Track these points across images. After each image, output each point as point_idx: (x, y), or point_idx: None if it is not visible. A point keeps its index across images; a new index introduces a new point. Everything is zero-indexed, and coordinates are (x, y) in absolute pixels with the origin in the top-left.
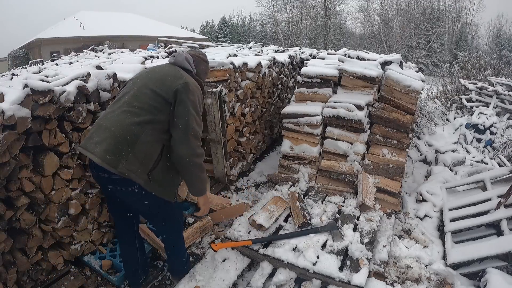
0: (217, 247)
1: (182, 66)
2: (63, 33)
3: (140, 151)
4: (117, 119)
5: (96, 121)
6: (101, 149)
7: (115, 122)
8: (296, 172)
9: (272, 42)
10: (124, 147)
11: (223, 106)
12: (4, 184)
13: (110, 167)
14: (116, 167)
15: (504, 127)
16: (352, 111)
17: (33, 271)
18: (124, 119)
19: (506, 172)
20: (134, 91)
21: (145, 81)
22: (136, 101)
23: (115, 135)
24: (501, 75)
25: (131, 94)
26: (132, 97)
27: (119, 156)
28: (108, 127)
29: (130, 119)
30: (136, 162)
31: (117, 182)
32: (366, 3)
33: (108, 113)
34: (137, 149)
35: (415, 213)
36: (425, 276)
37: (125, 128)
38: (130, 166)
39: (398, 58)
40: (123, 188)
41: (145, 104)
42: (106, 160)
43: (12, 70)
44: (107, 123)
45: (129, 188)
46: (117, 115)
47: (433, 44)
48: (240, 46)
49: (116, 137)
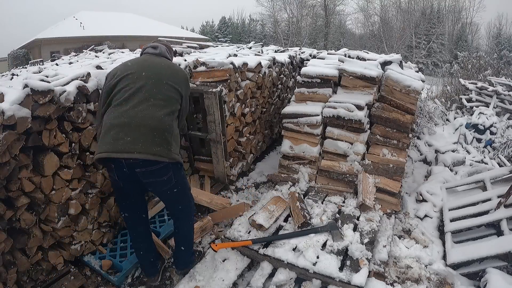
0: (217, 247)
1: (165, 57)
2: (63, 33)
3: (176, 136)
4: (147, 113)
5: (113, 122)
6: (145, 144)
7: (148, 117)
8: (296, 172)
9: (272, 42)
10: (167, 136)
11: (223, 106)
12: (4, 184)
13: (162, 158)
14: (167, 156)
15: (504, 127)
16: (352, 111)
17: (33, 271)
18: (155, 112)
19: (506, 172)
20: (152, 85)
21: (157, 75)
22: (159, 94)
23: (154, 127)
24: (501, 75)
25: (150, 88)
26: (154, 91)
27: (167, 145)
28: (140, 123)
29: (160, 112)
30: (176, 145)
31: (155, 173)
32: (366, 3)
33: (127, 110)
34: (174, 135)
35: (415, 213)
36: (425, 276)
37: (161, 120)
38: (175, 150)
39: (398, 58)
40: (158, 179)
41: (167, 97)
42: (156, 153)
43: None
44: (136, 120)
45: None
46: (145, 110)
47: (433, 44)
48: (240, 46)
49: (156, 129)
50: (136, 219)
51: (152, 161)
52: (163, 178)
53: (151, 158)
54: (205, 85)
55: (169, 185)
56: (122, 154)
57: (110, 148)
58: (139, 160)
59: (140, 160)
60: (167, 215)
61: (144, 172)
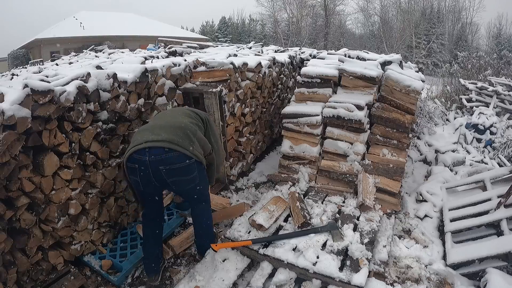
0: (217, 247)
1: None
2: (63, 33)
3: (201, 139)
4: (174, 121)
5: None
6: (169, 135)
7: (175, 121)
8: (296, 172)
9: (272, 42)
10: (188, 138)
11: (223, 106)
12: (4, 184)
13: (182, 149)
14: (187, 148)
15: (504, 127)
16: (352, 111)
17: (33, 271)
18: (181, 118)
19: (506, 172)
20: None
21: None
22: (181, 114)
23: (178, 127)
24: (501, 75)
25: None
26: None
27: (189, 141)
28: (168, 123)
29: (184, 119)
30: (199, 147)
31: (178, 171)
32: (366, 3)
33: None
34: (198, 137)
35: (415, 213)
36: (425, 276)
37: (185, 123)
38: (198, 149)
39: (398, 58)
40: (183, 177)
41: (189, 115)
42: (178, 143)
43: (12, 70)
44: (163, 122)
45: (190, 174)
46: (172, 117)
47: (433, 44)
48: (240, 46)
49: (180, 129)
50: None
51: (173, 154)
52: (187, 177)
53: (173, 147)
54: (205, 85)
55: (193, 183)
56: (147, 144)
57: (134, 143)
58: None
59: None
60: (167, 215)
61: (168, 170)
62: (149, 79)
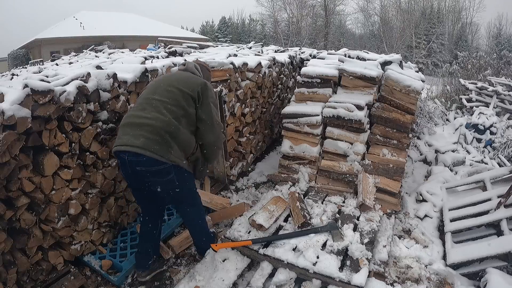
0: (217, 247)
1: (192, 72)
2: (63, 33)
3: (181, 141)
4: (152, 115)
5: (124, 122)
6: (145, 141)
7: (153, 118)
8: (296, 172)
9: (272, 42)
10: (168, 138)
11: (223, 106)
12: (4, 184)
13: (159, 156)
14: (165, 155)
15: (504, 127)
16: (352, 111)
17: (33, 271)
18: (163, 114)
19: (506, 172)
20: (162, 90)
21: (169, 82)
22: (169, 99)
23: (157, 127)
24: (501, 75)
25: (160, 93)
26: (162, 96)
27: (167, 147)
28: (143, 122)
29: (168, 115)
30: (179, 151)
31: (155, 174)
32: (366, 3)
33: (137, 112)
34: (179, 139)
35: (415, 213)
36: (425, 276)
37: (165, 122)
38: (177, 154)
39: (398, 58)
40: (159, 179)
41: (176, 101)
42: (154, 150)
43: (12, 70)
44: (141, 120)
45: (166, 177)
46: (150, 111)
47: (433, 44)
48: (240, 46)
49: (159, 129)
50: (148, 209)
51: (150, 159)
52: (164, 179)
53: (148, 155)
54: None
55: (171, 185)
56: (126, 147)
57: (117, 143)
58: (139, 156)
59: (139, 156)
60: (167, 215)
61: (145, 172)
62: (149, 79)
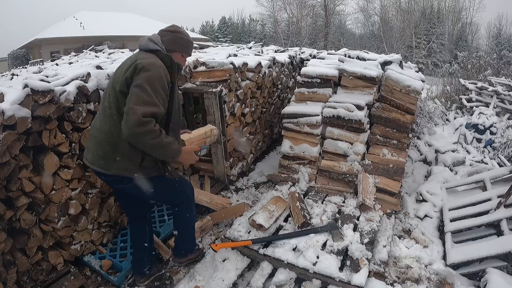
0: (217, 247)
1: (147, 49)
2: (63, 33)
3: (125, 149)
4: (99, 125)
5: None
6: (93, 155)
7: (99, 128)
8: (296, 172)
9: (272, 42)
10: (110, 150)
11: (223, 106)
12: (4, 184)
13: (105, 170)
14: (109, 169)
15: (504, 127)
16: (352, 111)
17: (33, 271)
18: (104, 123)
19: (506, 172)
20: (106, 94)
21: (111, 80)
22: (107, 103)
23: (100, 140)
24: (501, 75)
25: (105, 97)
26: (105, 100)
27: (108, 159)
28: (93, 134)
29: (107, 122)
30: (124, 161)
31: (117, 181)
32: (366, 3)
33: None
34: (121, 148)
35: (415, 213)
36: (425, 276)
37: (105, 131)
38: (120, 165)
39: (398, 58)
40: (127, 185)
41: (114, 104)
42: (100, 165)
43: (12, 70)
44: (93, 131)
45: (131, 183)
46: (99, 120)
47: (433, 44)
48: (240, 46)
49: (101, 142)
50: (132, 214)
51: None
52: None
53: (97, 170)
54: (205, 85)
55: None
56: (85, 160)
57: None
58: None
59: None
60: (167, 215)
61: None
62: None
